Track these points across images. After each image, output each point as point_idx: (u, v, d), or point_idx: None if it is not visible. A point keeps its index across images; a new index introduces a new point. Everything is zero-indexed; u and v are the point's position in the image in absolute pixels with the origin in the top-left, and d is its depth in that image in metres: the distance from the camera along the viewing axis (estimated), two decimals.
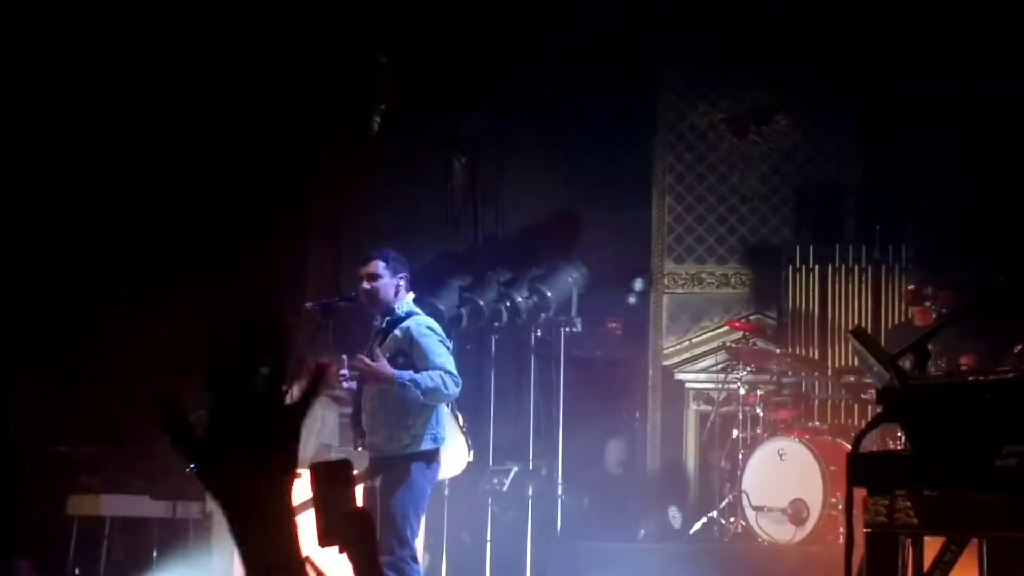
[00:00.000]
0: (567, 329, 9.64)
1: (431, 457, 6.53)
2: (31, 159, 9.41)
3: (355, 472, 2.69)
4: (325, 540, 2.63)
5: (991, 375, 4.26)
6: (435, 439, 6.52)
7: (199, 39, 9.51)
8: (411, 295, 6.75)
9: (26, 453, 9.17)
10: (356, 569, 2.63)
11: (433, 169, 10.53)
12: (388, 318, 6.64)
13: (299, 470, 6.46)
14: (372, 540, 2.62)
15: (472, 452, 7.46)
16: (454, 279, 9.76)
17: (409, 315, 6.64)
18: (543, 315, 9.68)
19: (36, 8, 9.28)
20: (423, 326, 6.59)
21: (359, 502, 2.66)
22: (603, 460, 10.39)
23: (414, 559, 6.43)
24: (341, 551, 2.62)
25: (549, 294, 9.68)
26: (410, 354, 6.51)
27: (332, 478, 2.68)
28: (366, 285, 6.64)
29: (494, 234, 10.66)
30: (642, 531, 9.72)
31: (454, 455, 7.12)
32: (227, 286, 9.44)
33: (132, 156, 9.61)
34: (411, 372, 6.44)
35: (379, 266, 6.63)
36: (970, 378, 4.60)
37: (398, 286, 6.64)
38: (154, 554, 8.71)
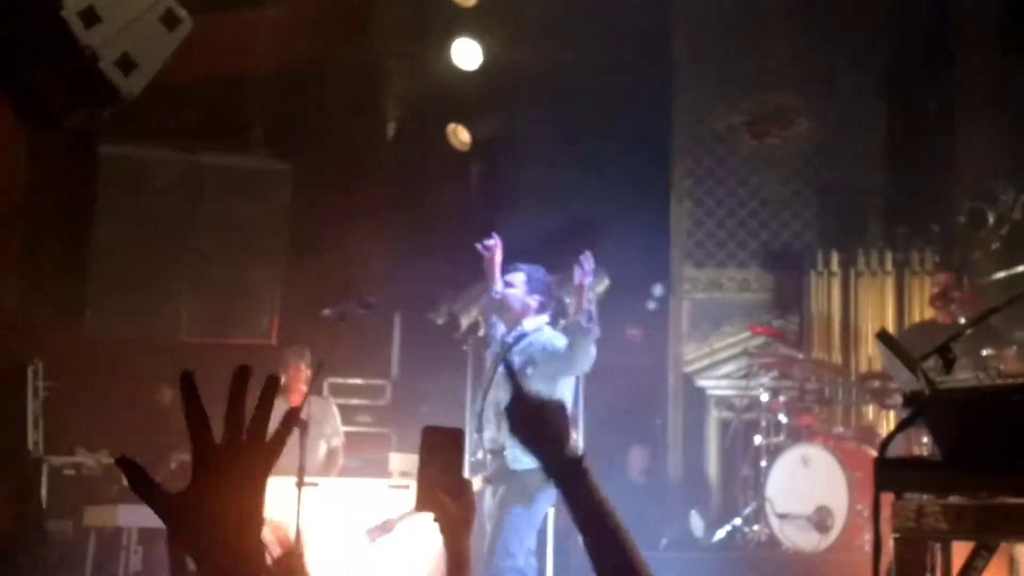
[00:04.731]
0: None
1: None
2: None
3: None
4: (422, 505, 2.54)
5: (1020, 378, 4.16)
6: None
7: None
8: (543, 318, 6.74)
9: (41, 464, 9.14)
10: (446, 541, 2.55)
11: (449, 176, 10.47)
12: (514, 333, 6.65)
13: (313, 480, 6.33)
14: (468, 514, 2.53)
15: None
16: (471, 286, 9.68)
17: (538, 330, 6.67)
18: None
19: None
20: (552, 336, 6.59)
21: (465, 473, 2.58)
22: (625, 468, 10.28)
23: (516, 569, 6.41)
24: (435, 519, 2.54)
25: (567, 300, 9.57)
26: (539, 363, 6.49)
27: (440, 446, 2.57)
28: (498, 287, 6.61)
29: (511, 241, 10.56)
30: (664, 540, 9.61)
31: None
32: (228, 299, 9.42)
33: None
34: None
35: (519, 278, 6.71)
36: (998, 381, 4.50)
37: (527, 305, 6.62)
38: None
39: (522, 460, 6.51)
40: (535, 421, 2.25)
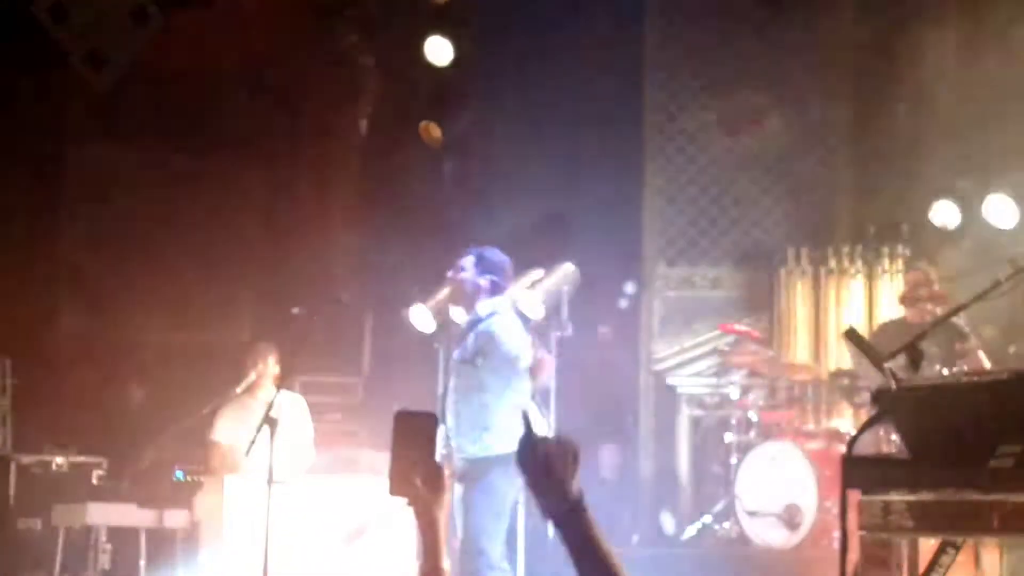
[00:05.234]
0: (557, 333, 9.54)
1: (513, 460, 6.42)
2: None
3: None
4: (395, 490, 2.54)
5: (985, 375, 4.19)
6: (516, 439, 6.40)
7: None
8: (498, 299, 6.58)
9: (9, 462, 9.10)
10: (419, 526, 2.55)
11: (422, 173, 10.46)
12: (470, 318, 6.58)
13: (283, 478, 6.28)
14: (441, 498, 2.55)
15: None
16: (443, 283, 9.67)
17: (491, 315, 6.52)
18: (532, 319, 9.58)
19: None
20: (504, 325, 6.45)
21: (437, 459, 2.59)
22: (596, 466, 10.29)
23: (490, 566, 6.35)
24: (409, 504, 2.54)
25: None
26: (488, 354, 6.39)
27: (413, 430, 2.58)
28: (450, 273, 6.56)
29: (483, 237, 10.56)
30: (635, 537, 9.63)
31: None
32: (200, 297, 9.40)
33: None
34: None
35: (468, 260, 6.61)
36: (963, 378, 4.53)
37: (478, 286, 6.52)
38: (141, 563, 8.61)
39: (475, 448, 6.44)
40: (540, 465, 2.29)
